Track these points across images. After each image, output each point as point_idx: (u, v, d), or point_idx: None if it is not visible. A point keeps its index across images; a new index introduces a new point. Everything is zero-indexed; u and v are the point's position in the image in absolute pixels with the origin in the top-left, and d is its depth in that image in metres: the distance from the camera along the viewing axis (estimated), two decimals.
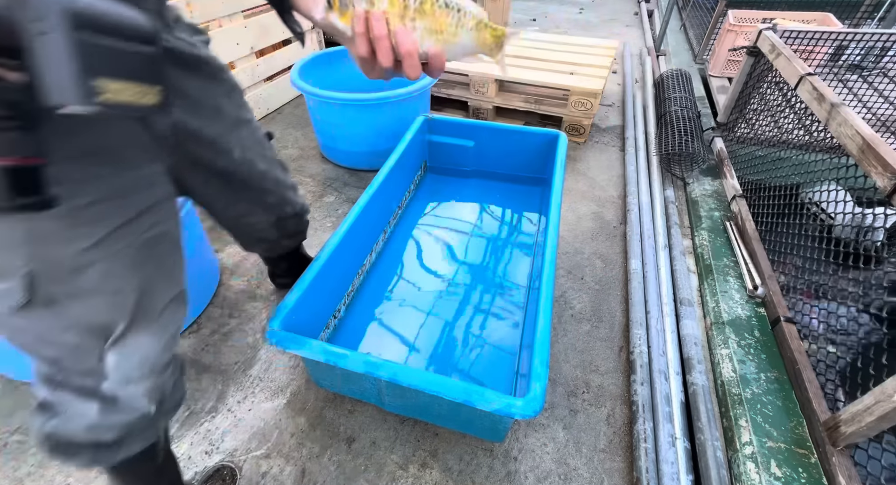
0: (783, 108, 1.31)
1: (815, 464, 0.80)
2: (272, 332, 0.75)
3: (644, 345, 1.05)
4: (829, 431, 0.78)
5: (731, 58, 2.04)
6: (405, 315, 1.09)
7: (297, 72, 1.57)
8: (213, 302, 1.17)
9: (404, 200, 1.42)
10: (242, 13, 1.80)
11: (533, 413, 0.65)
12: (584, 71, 1.89)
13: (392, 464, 0.87)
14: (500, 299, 1.14)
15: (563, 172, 1.20)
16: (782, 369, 0.95)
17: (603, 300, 1.21)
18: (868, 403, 0.69)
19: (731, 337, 1.02)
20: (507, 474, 0.86)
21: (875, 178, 0.83)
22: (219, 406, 0.95)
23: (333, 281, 1.01)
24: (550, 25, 3.44)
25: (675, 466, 0.82)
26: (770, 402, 0.89)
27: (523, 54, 2.05)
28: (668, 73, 1.99)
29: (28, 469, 0.84)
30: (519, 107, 1.93)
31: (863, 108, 1.57)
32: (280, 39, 2.03)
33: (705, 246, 1.28)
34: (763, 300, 1.10)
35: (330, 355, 0.72)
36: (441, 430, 0.92)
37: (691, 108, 1.71)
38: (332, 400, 0.97)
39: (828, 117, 1.00)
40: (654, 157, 1.69)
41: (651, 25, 3.28)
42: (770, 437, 0.83)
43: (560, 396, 0.99)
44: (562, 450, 0.90)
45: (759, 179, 1.36)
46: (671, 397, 0.94)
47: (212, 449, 0.88)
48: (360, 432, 0.91)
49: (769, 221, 1.22)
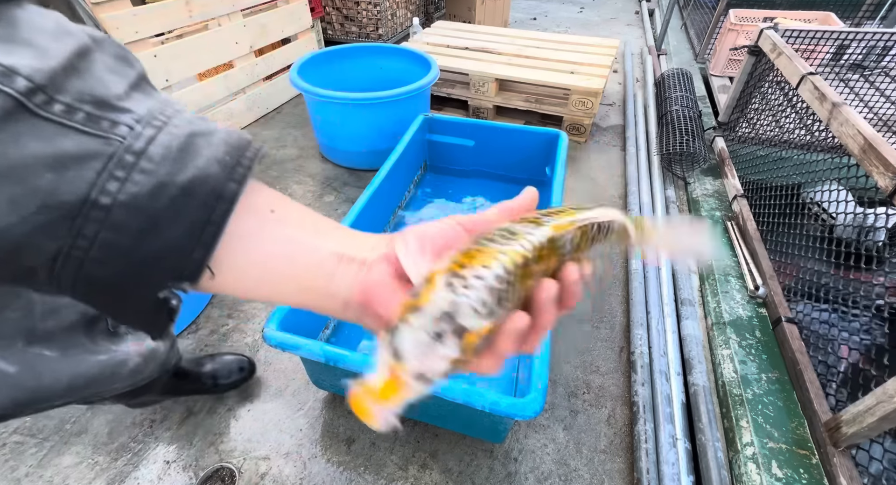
0: (784, 108, 1.31)
1: (816, 465, 0.79)
2: (271, 332, 0.75)
3: (645, 345, 1.04)
4: (831, 431, 0.78)
5: (732, 57, 2.03)
6: None
7: (297, 71, 1.56)
8: (212, 302, 1.16)
9: (404, 199, 1.41)
10: (241, 12, 1.79)
11: (533, 414, 0.65)
12: (585, 70, 1.89)
13: (392, 465, 0.86)
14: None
15: (563, 171, 1.20)
16: (783, 369, 0.95)
17: (603, 300, 1.21)
18: (869, 403, 0.69)
19: (732, 337, 1.01)
20: (508, 475, 0.85)
21: (876, 178, 0.82)
22: (217, 407, 0.95)
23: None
24: (551, 24, 3.43)
25: (675, 467, 0.82)
26: (771, 402, 0.89)
27: (524, 53, 2.05)
28: (668, 73, 1.98)
29: (26, 470, 0.84)
30: (519, 106, 1.92)
31: (864, 108, 1.56)
32: (279, 38, 2.03)
33: None
34: (764, 300, 1.09)
35: (330, 356, 0.72)
36: (441, 431, 0.92)
37: (692, 108, 1.70)
38: (331, 401, 0.96)
39: (829, 117, 1.00)
40: (655, 156, 1.68)
41: (652, 24, 3.27)
42: (771, 437, 0.83)
43: (560, 396, 0.99)
44: (562, 451, 0.90)
45: (761, 178, 1.36)
46: (672, 397, 0.93)
47: (211, 450, 0.88)
48: (359, 433, 0.91)
49: (770, 221, 1.21)
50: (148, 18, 1.42)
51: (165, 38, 1.68)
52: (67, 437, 0.89)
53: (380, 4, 2.36)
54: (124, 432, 0.90)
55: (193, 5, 1.57)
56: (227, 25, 1.74)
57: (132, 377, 0.59)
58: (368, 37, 2.49)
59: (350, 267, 0.22)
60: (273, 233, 0.21)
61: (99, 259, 0.17)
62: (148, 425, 0.91)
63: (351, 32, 2.52)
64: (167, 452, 0.87)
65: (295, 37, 2.11)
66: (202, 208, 0.18)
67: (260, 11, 1.89)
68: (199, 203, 0.18)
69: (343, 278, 0.22)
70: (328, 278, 0.22)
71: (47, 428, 0.90)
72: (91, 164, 0.16)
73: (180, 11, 1.53)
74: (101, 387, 0.53)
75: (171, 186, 0.17)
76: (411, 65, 1.77)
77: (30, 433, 0.89)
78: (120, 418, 0.92)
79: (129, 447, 0.88)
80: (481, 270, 0.18)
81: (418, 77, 1.55)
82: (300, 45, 2.13)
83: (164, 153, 0.18)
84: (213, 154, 0.19)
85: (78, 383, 0.49)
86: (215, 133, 0.20)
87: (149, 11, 1.42)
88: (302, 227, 0.23)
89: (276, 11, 1.93)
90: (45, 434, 0.89)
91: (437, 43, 2.14)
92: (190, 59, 1.61)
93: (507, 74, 1.85)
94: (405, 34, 2.73)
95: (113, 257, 0.17)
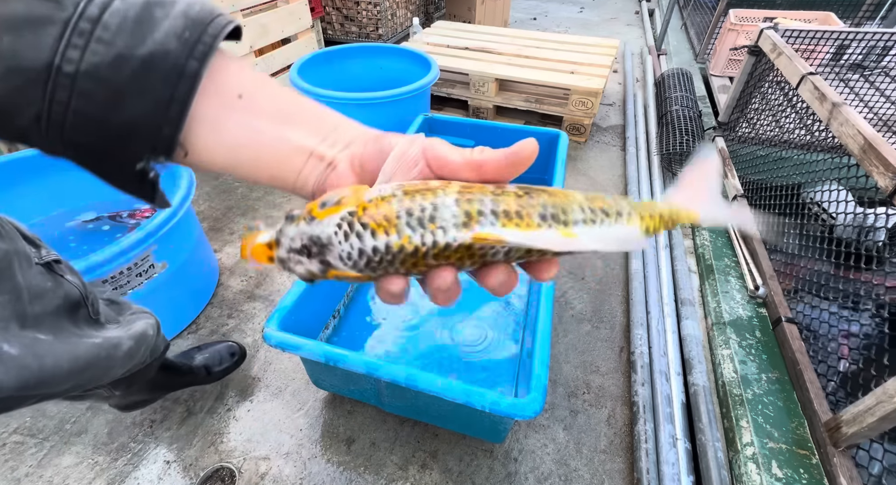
0: (784, 108, 1.31)
1: (816, 465, 0.79)
2: (271, 332, 0.75)
3: (645, 345, 1.04)
4: (831, 431, 0.78)
5: (732, 57, 2.03)
6: (405, 315, 1.09)
7: (297, 71, 1.57)
8: (212, 302, 1.16)
9: None
10: (241, 12, 1.79)
11: (533, 414, 0.65)
12: (585, 70, 1.89)
13: (391, 465, 0.86)
14: (500, 299, 1.13)
15: (563, 171, 1.20)
16: (783, 369, 0.95)
17: (604, 300, 1.21)
18: (869, 403, 0.69)
19: (732, 337, 1.01)
20: (508, 476, 0.85)
21: (877, 178, 0.82)
22: (217, 407, 0.95)
23: (333, 281, 1.00)
24: (551, 24, 3.43)
25: (675, 467, 0.82)
26: (771, 402, 0.89)
27: (524, 53, 2.05)
28: (668, 73, 1.98)
29: (26, 470, 0.84)
30: (519, 106, 1.92)
31: (864, 108, 1.56)
32: (279, 38, 2.03)
33: (706, 246, 1.28)
34: (764, 300, 1.09)
35: (330, 356, 0.72)
36: (441, 431, 0.92)
37: (692, 108, 1.70)
38: (331, 401, 0.96)
39: (829, 117, 1.00)
40: (655, 156, 1.68)
41: (652, 24, 3.27)
42: (771, 438, 0.83)
43: (560, 396, 0.99)
44: (562, 451, 0.90)
45: (761, 178, 1.36)
46: (672, 397, 0.93)
47: (210, 450, 0.88)
48: (359, 433, 0.91)
49: (770, 221, 1.21)
50: None
51: None
52: (67, 437, 0.89)
53: (380, 4, 2.36)
54: (124, 432, 0.90)
55: None
56: None
57: (128, 361, 0.59)
58: (368, 37, 2.49)
59: (317, 165, 0.23)
60: (239, 121, 0.21)
61: (76, 126, 0.18)
62: (148, 425, 0.91)
63: (351, 32, 2.52)
64: (167, 452, 0.87)
65: (295, 37, 2.11)
66: (165, 85, 0.18)
67: (260, 11, 1.89)
68: (161, 78, 0.18)
69: (309, 176, 0.23)
70: (295, 173, 0.23)
71: (47, 428, 0.90)
72: (48, 29, 0.17)
73: None
74: (100, 371, 0.53)
75: (131, 60, 0.18)
76: (411, 65, 1.77)
77: (30, 433, 0.89)
78: (120, 418, 0.92)
79: (129, 447, 0.88)
80: (368, 233, 0.19)
81: (418, 77, 1.55)
82: (300, 45, 2.13)
83: (121, 23, 0.18)
84: (171, 28, 0.18)
85: (78, 365, 0.49)
86: (175, 3, 0.19)
87: None
88: (271, 116, 0.22)
89: (276, 11, 1.93)
90: (45, 434, 0.89)
91: (437, 43, 2.14)
92: None
93: (507, 74, 1.85)
94: (405, 34, 2.73)
95: (88, 126, 0.18)
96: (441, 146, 0.22)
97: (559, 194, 0.22)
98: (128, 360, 0.59)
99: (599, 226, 0.21)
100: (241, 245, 0.22)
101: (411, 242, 0.19)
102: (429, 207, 0.19)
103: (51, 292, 0.49)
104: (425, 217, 0.19)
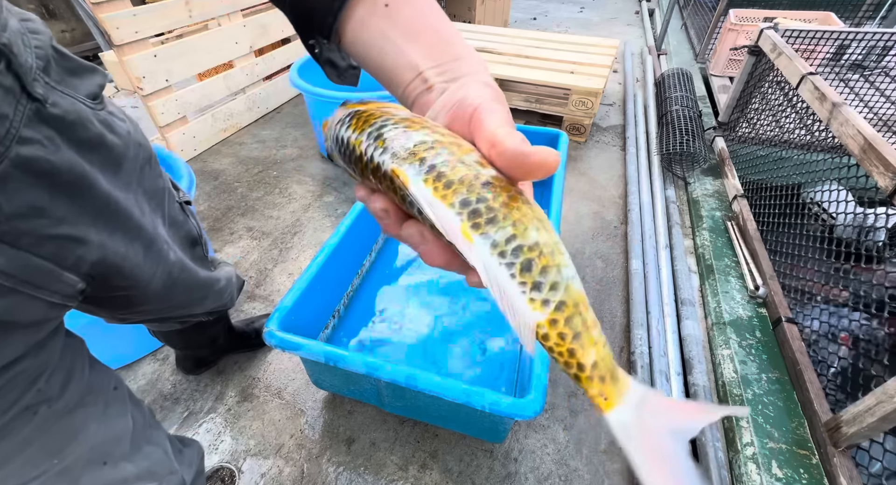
0: (784, 108, 1.31)
1: (816, 465, 0.79)
2: (271, 332, 0.75)
3: (645, 345, 1.04)
4: (831, 431, 0.78)
5: (732, 57, 2.03)
6: (405, 315, 1.09)
7: (297, 71, 1.56)
8: None
9: None
10: (241, 12, 1.79)
11: (533, 414, 0.65)
12: (585, 70, 1.89)
13: (392, 465, 0.86)
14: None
15: (563, 171, 1.20)
16: (783, 369, 0.95)
17: (604, 300, 1.21)
18: (869, 403, 0.69)
19: (732, 337, 1.01)
20: (508, 476, 0.85)
21: (876, 178, 0.82)
22: (217, 407, 0.95)
23: (332, 281, 1.00)
24: (551, 24, 3.43)
25: None
26: (771, 402, 0.89)
27: (524, 53, 2.05)
28: (669, 73, 1.98)
29: None
30: (519, 106, 1.92)
31: (864, 108, 1.57)
32: (279, 38, 2.03)
33: (706, 246, 1.28)
34: (764, 300, 1.09)
35: (330, 356, 0.72)
36: (441, 431, 0.92)
37: (692, 108, 1.70)
38: (331, 401, 0.96)
39: (829, 117, 1.00)
40: (655, 156, 1.68)
41: (652, 24, 3.27)
42: (771, 438, 0.83)
43: (560, 396, 0.99)
44: (562, 451, 0.90)
45: (761, 178, 1.36)
46: (672, 397, 0.93)
47: (210, 450, 0.88)
48: (359, 433, 0.91)
49: (770, 221, 1.21)
50: (148, 18, 1.42)
51: (165, 38, 1.68)
52: None
53: None
54: None
55: (193, 5, 1.57)
56: (226, 25, 1.74)
57: (220, 297, 0.70)
58: None
59: (419, 86, 0.25)
60: (377, 25, 0.25)
61: (293, 4, 0.26)
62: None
63: None
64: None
65: (295, 37, 2.11)
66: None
67: (260, 11, 1.89)
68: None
69: (412, 93, 0.25)
70: (402, 86, 0.25)
71: None
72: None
73: (180, 11, 1.53)
74: (203, 298, 0.66)
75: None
76: None
77: None
78: None
79: None
80: (346, 127, 0.23)
81: None
82: (300, 45, 2.13)
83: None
84: None
85: (197, 284, 0.62)
86: None
87: (149, 11, 1.41)
88: (402, 29, 0.25)
89: (276, 11, 1.93)
90: None
91: None
92: (190, 58, 1.61)
93: (507, 74, 1.85)
94: None
95: (295, 4, 0.26)
96: (489, 116, 0.21)
97: (526, 212, 0.18)
98: (220, 295, 0.70)
99: (498, 266, 0.17)
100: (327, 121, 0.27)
101: (360, 147, 0.22)
102: (395, 132, 0.21)
103: (182, 224, 0.60)
104: (382, 135, 0.21)
